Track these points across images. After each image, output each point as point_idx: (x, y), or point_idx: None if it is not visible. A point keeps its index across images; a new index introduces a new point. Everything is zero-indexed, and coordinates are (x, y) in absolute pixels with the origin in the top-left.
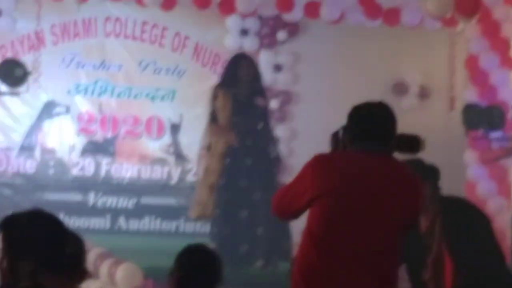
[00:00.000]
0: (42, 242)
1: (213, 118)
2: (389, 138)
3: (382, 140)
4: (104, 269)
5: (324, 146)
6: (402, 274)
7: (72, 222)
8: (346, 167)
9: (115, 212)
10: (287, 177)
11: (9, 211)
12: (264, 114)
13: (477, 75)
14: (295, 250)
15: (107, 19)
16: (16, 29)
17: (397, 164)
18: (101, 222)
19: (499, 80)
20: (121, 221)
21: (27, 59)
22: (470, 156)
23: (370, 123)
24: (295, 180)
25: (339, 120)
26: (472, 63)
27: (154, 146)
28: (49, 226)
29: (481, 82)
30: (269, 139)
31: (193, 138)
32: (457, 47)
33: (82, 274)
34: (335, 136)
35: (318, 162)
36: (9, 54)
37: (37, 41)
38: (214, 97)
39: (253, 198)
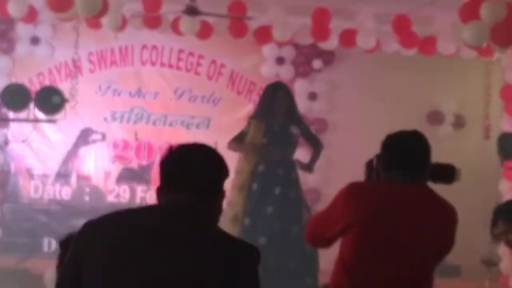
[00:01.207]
0: None
1: (239, 137)
2: (423, 167)
3: (416, 168)
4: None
5: (358, 175)
6: None
7: None
8: (380, 196)
9: None
10: (322, 207)
11: (44, 238)
12: (297, 143)
13: (511, 104)
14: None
15: (144, 47)
16: (54, 57)
17: (431, 193)
18: None
19: None
20: None
21: (64, 86)
22: (505, 186)
23: (403, 152)
24: (329, 208)
25: (374, 149)
26: (507, 92)
27: None
28: None
29: None
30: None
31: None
32: (493, 76)
33: None
34: (369, 164)
35: (352, 190)
36: (47, 82)
37: (75, 69)
38: (247, 124)
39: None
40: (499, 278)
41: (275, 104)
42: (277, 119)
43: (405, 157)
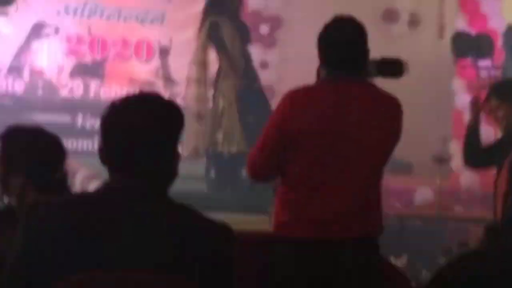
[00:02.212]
0: (36, 159)
1: (222, 46)
2: (361, 60)
3: (354, 64)
4: (91, 189)
5: (312, 72)
6: None
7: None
8: (317, 101)
9: None
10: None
11: None
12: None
13: (467, 3)
14: None
15: None
16: None
17: (372, 89)
18: (89, 144)
19: (489, 8)
20: None
21: None
22: (458, 84)
23: (338, 48)
24: (268, 127)
25: None
26: None
27: (143, 69)
28: (47, 146)
29: (471, 10)
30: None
31: (182, 62)
32: None
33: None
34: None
35: (288, 100)
36: None
37: None
38: (214, 26)
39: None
40: (450, 176)
41: None
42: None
43: (339, 54)
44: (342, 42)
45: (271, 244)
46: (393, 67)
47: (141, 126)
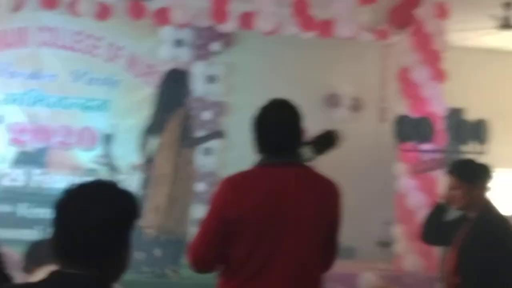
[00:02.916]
0: None
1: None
2: (295, 143)
3: (289, 145)
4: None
5: (255, 157)
6: None
7: (1, 233)
8: (254, 187)
9: (46, 223)
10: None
11: None
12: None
13: (408, 87)
14: None
15: (40, 28)
16: None
17: (308, 171)
18: (31, 233)
19: (430, 92)
20: None
21: None
22: (400, 168)
23: (272, 130)
24: (208, 214)
25: None
26: (403, 75)
27: (86, 156)
28: None
29: (413, 94)
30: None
31: (126, 149)
32: (389, 59)
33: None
34: None
35: (225, 187)
36: None
37: None
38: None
39: None
40: (393, 260)
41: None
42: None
43: (274, 136)
44: (276, 124)
45: None
46: (327, 139)
47: (93, 215)
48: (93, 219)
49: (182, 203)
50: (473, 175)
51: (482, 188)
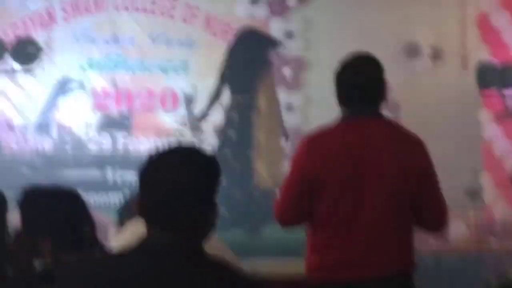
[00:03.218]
0: (60, 222)
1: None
2: (378, 96)
3: (370, 101)
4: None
5: (338, 113)
6: None
7: (92, 198)
8: (338, 143)
9: (134, 187)
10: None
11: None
12: None
13: (489, 34)
14: None
15: None
16: (27, 6)
17: (391, 125)
18: (120, 197)
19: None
20: None
21: (39, 36)
22: (486, 115)
23: (355, 86)
24: (291, 173)
25: None
26: (483, 21)
27: (170, 118)
28: (68, 206)
29: (494, 41)
30: None
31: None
32: (468, 5)
33: (101, 249)
34: None
35: (307, 145)
36: (20, 32)
37: (48, 18)
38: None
39: None
40: (483, 209)
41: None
42: None
43: (357, 92)
44: (358, 80)
45: None
46: None
47: (180, 180)
48: (177, 184)
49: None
50: None
51: None
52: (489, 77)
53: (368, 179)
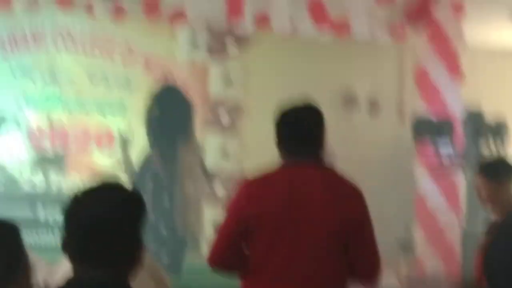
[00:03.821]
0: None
1: None
2: (317, 143)
3: (309, 147)
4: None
5: (274, 161)
6: None
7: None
8: (276, 186)
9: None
10: None
11: None
12: None
13: (426, 87)
14: None
15: (58, 33)
16: None
17: (330, 172)
18: (50, 237)
19: (449, 95)
20: None
21: None
22: (420, 170)
23: (292, 131)
24: (226, 216)
25: None
26: (421, 77)
27: (105, 160)
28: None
29: (430, 94)
30: None
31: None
32: (406, 61)
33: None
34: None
35: (246, 188)
36: None
37: None
38: None
39: None
40: (415, 262)
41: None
42: None
43: (297, 138)
44: (299, 125)
45: None
46: None
47: (102, 215)
48: (99, 220)
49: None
50: (499, 174)
51: (509, 187)
52: (424, 131)
53: (304, 224)
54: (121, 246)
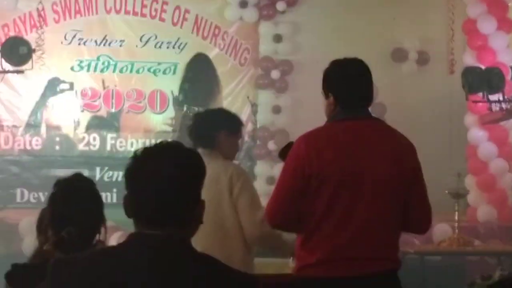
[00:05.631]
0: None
1: None
2: (370, 97)
3: (360, 102)
4: (113, 242)
5: (324, 115)
6: None
7: None
8: (333, 141)
9: (122, 186)
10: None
11: (17, 189)
12: None
13: (475, 38)
14: None
15: None
16: (18, 8)
17: (383, 124)
18: (108, 196)
19: (497, 43)
20: None
21: (30, 37)
22: (471, 119)
23: (351, 87)
24: (283, 172)
25: None
26: (469, 26)
27: (158, 119)
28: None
29: (479, 45)
30: None
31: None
32: (455, 11)
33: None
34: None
35: (304, 144)
36: (12, 33)
37: (39, 19)
38: None
39: None
40: (467, 211)
41: None
42: None
43: (349, 93)
44: (347, 78)
45: (296, 286)
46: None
47: (164, 175)
48: (163, 179)
49: None
50: None
51: None
52: (475, 82)
53: (364, 178)
54: (186, 205)
